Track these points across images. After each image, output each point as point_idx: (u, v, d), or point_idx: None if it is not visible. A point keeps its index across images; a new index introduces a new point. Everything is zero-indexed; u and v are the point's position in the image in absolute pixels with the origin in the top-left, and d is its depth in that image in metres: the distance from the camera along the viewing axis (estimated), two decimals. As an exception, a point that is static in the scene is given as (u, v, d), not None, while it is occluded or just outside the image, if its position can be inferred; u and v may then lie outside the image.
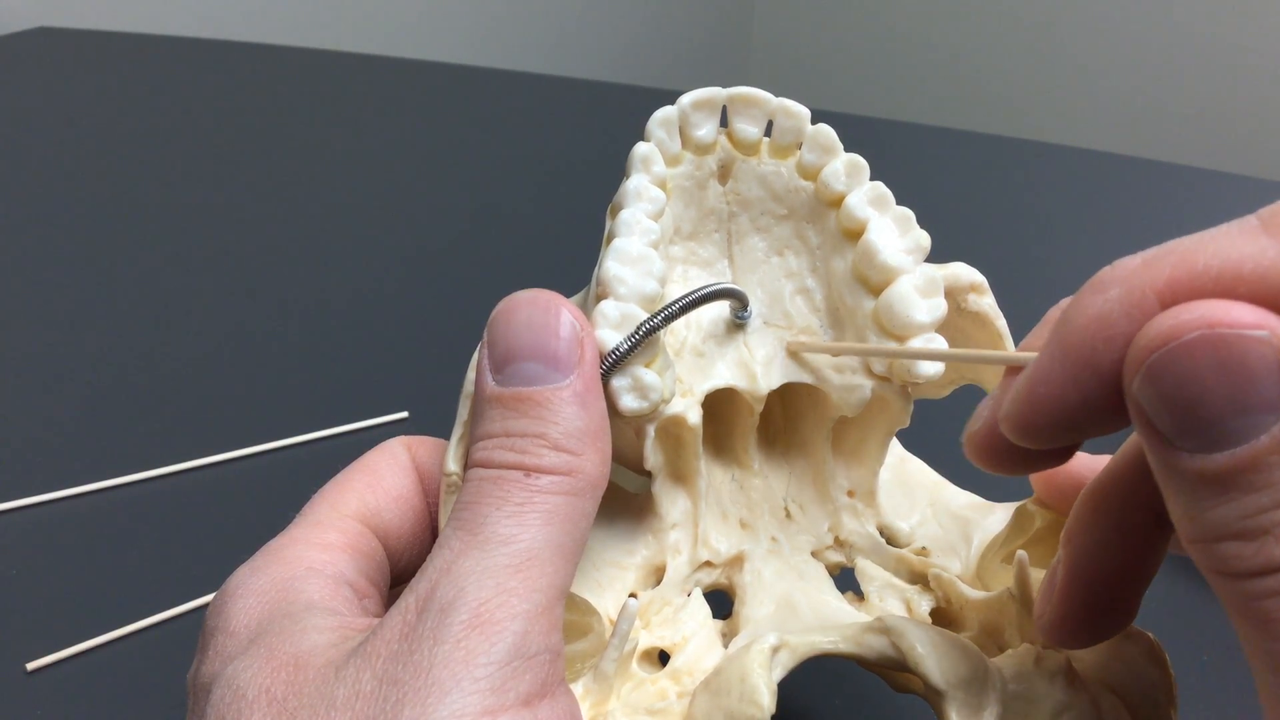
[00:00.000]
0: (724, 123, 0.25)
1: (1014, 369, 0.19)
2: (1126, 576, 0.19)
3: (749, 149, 0.25)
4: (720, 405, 0.26)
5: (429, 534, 0.24)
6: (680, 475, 0.25)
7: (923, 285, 0.23)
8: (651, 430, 0.23)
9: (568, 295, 0.21)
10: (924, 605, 0.25)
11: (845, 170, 0.24)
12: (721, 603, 0.25)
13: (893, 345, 0.23)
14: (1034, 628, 0.21)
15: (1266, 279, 0.14)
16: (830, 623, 0.23)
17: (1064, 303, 0.17)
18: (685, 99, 0.24)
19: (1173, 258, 0.14)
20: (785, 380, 0.25)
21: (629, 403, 0.21)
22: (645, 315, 0.21)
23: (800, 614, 0.24)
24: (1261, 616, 0.14)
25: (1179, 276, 0.14)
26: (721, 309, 0.25)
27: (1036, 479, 0.24)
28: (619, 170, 0.24)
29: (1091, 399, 0.15)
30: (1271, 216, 0.14)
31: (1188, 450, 0.14)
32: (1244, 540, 0.14)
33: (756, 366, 0.25)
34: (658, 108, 0.24)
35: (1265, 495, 0.13)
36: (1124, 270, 0.15)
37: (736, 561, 0.25)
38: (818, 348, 0.25)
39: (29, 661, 0.33)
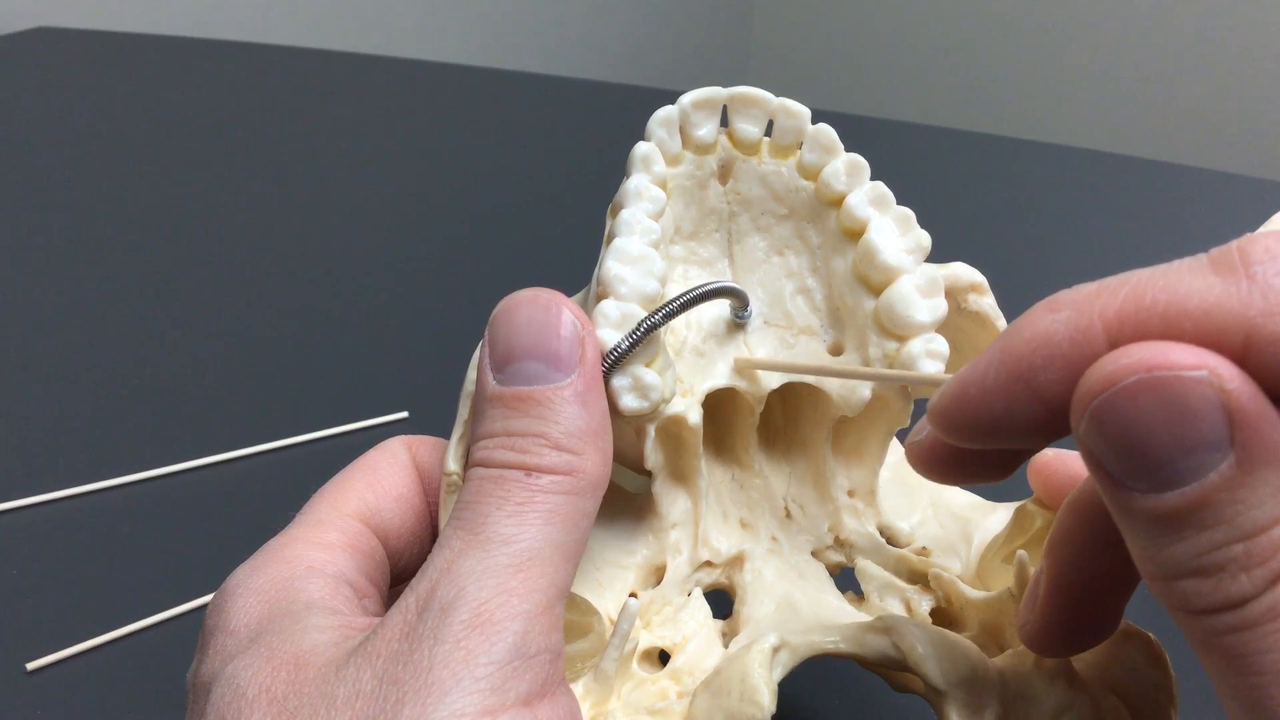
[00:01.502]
0: (724, 122, 0.25)
1: None
2: (1109, 587, 0.19)
3: (749, 149, 0.25)
4: (721, 405, 0.26)
5: (429, 534, 0.24)
6: (680, 475, 0.25)
7: (923, 285, 0.23)
8: (652, 430, 0.23)
9: (568, 295, 0.21)
10: (924, 605, 0.25)
11: (846, 170, 0.24)
12: (722, 602, 0.25)
13: (842, 365, 0.23)
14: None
15: (1210, 315, 0.14)
16: (830, 623, 0.23)
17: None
18: (686, 99, 0.24)
19: (1125, 289, 0.15)
20: (786, 380, 0.25)
21: (629, 402, 0.21)
22: (646, 315, 0.21)
23: (800, 614, 0.24)
24: (1224, 652, 0.14)
25: (1128, 309, 0.14)
26: (722, 309, 0.25)
27: (1036, 479, 0.24)
28: (619, 170, 0.24)
29: (1019, 411, 0.15)
30: (1220, 256, 0.14)
31: (1139, 491, 0.14)
32: (1201, 577, 0.14)
33: (757, 366, 0.25)
34: (658, 108, 0.24)
35: (1218, 532, 0.13)
36: (1079, 295, 0.15)
37: (737, 561, 0.25)
38: (766, 365, 0.24)
39: (29, 661, 0.33)
